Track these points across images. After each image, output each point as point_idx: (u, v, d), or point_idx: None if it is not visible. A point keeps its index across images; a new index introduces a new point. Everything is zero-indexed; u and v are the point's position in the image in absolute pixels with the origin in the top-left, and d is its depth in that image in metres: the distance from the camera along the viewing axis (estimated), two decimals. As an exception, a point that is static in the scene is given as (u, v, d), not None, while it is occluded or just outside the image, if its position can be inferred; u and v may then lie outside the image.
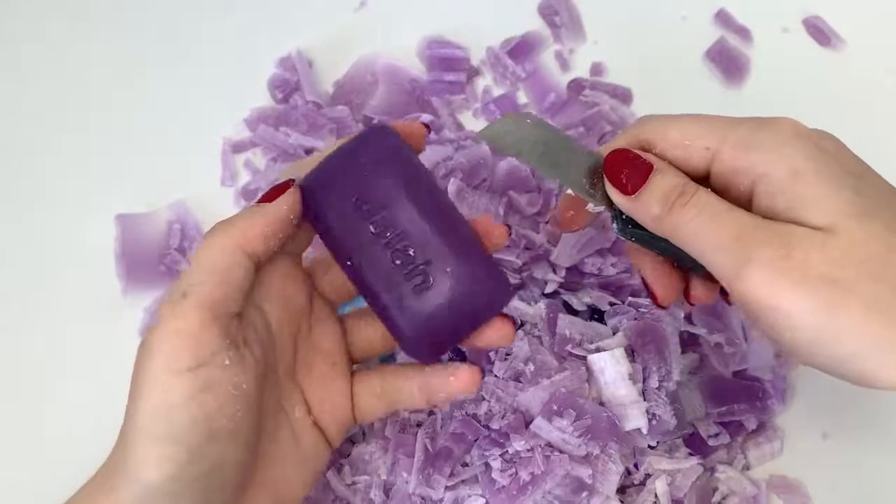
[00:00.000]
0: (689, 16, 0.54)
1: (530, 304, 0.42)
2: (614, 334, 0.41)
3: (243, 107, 0.50)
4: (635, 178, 0.31)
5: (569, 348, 0.41)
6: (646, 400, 0.39)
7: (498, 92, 0.51)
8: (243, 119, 0.49)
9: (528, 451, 0.37)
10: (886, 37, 0.53)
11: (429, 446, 0.39)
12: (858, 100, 0.51)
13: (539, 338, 0.41)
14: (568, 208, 0.35)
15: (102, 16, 0.53)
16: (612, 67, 0.52)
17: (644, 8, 0.54)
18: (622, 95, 0.51)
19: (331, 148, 0.32)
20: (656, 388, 0.40)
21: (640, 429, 0.39)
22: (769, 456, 0.43)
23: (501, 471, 0.37)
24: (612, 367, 0.39)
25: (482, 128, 0.32)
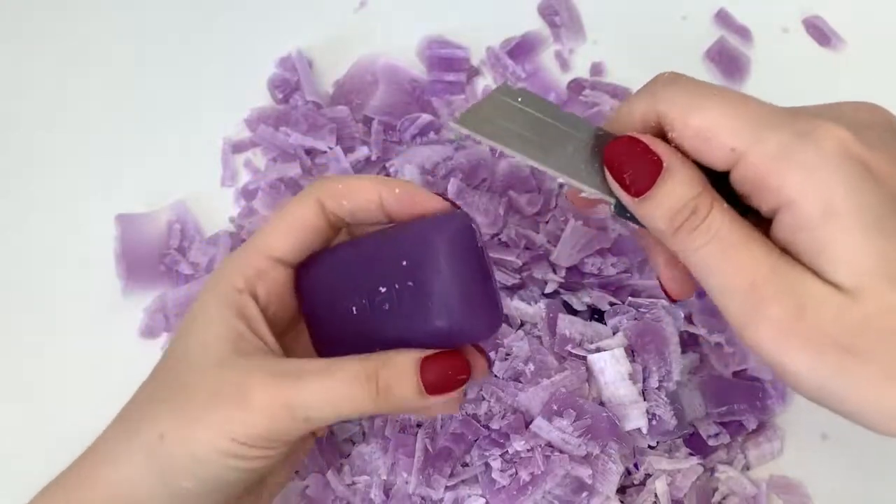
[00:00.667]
0: (689, 16, 0.54)
1: (530, 304, 0.42)
2: (614, 334, 0.41)
3: (243, 107, 0.50)
4: (641, 178, 0.26)
5: (569, 348, 0.41)
6: (646, 400, 0.39)
7: (498, 92, 0.51)
8: (243, 119, 0.49)
9: (528, 451, 0.37)
10: (886, 37, 0.53)
11: (429, 446, 0.39)
12: (858, 100, 0.51)
13: (539, 338, 0.41)
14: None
15: (102, 16, 0.53)
16: (612, 67, 0.52)
17: (644, 8, 0.54)
18: (622, 95, 0.51)
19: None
20: (656, 388, 0.40)
21: (640, 429, 0.39)
22: (769, 456, 0.43)
23: (501, 471, 0.37)
24: (612, 367, 0.39)
25: (461, 113, 0.29)
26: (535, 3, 0.53)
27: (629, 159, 0.27)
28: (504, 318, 0.32)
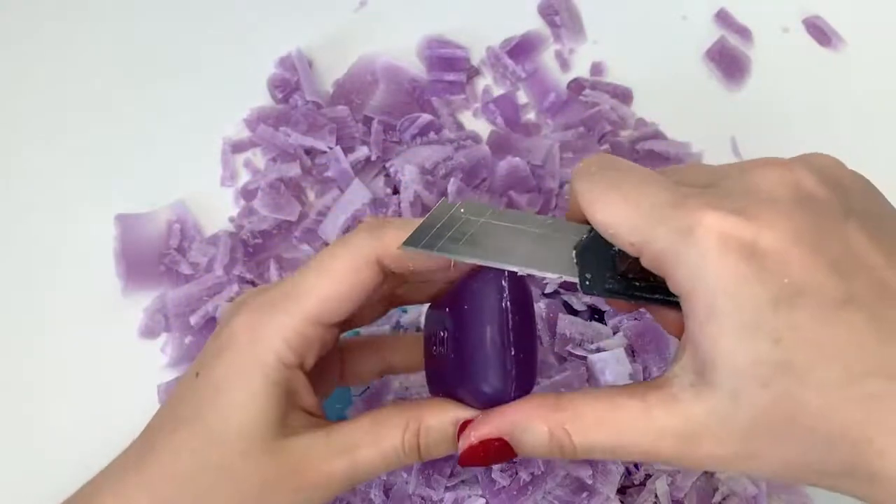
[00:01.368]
0: (689, 16, 0.54)
1: (530, 304, 0.42)
2: (614, 334, 0.41)
3: (243, 107, 0.50)
4: (503, 458, 0.28)
5: (569, 348, 0.41)
6: (646, 400, 0.39)
7: (498, 92, 0.51)
8: (243, 119, 0.49)
9: (529, 451, 0.37)
10: (886, 37, 0.53)
11: (429, 446, 0.39)
12: (858, 100, 0.51)
13: (539, 338, 0.41)
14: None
15: (102, 16, 0.53)
16: (612, 67, 0.52)
17: (644, 8, 0.54)
18: (622, 95, 0.51)
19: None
20: (656, 389, 0.40)
21: (640, 429, 0.39)
22: (769, 456, 0.42)
23: (501, 471, 0.37)
24: (612, 367, 0.39)
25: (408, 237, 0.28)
26: (535, 3, 0.53)
27: (483, 458, 0.28)
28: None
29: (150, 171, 0.48)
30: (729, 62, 0.52)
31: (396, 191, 0.47)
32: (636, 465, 0.40)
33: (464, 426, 0.29)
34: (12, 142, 0.49)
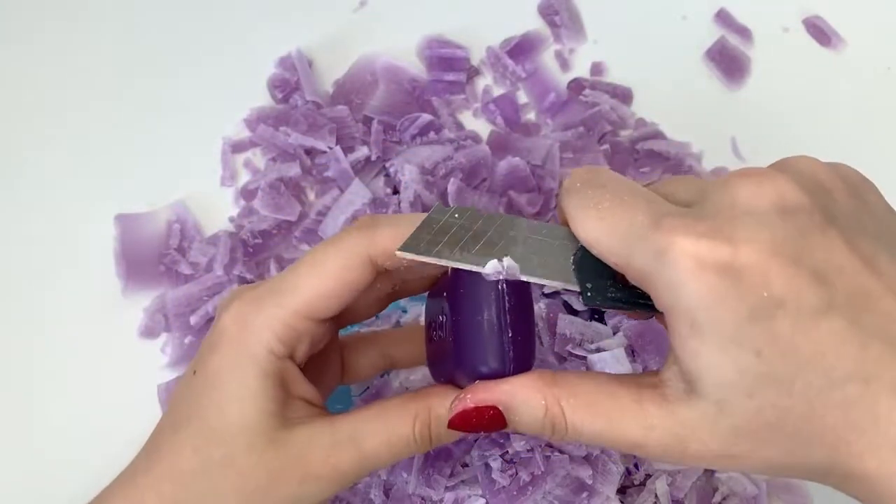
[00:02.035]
0: (689, 16, 0.54)
1: (530, 304, 0.42)
2: (614, 334, 0.41)
3: (243, 107, 0.50)
4: (493, 427, 0.28)
5: (569, 348, 0.41)
6: (646, 400, 0.39)
7: (498, 92, 0.51)
8: (243, 119, 0.49)
9: (529, 451, 0.37)
10: (886, 37, 0.53)
11: (429, 446, 0.39)
12: (858, 100, 0.51)
13: (539, 338, 0.41)
14: None
15: (102, 15, 0.53)
16: (612, 67, 0.52)
17: (644, 8, 0.54)
18: (622, 95, 0.51)
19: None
20: (656, 389, 0.40)
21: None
22: (769, 456, 0.42)
23: (501, 471, 0.37)
24: (612, 367, 0.39)
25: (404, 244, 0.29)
26: (535, 3, 0.53)
27: (474, 424, 0.28)
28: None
29: (150, 171, 0.48)
30: (729, 62, 0.52)
31: (396, 191, 0.47)
32: (636, 465, 0.40)
33: (457, 416, 0.29)
34: (12, 142, 0.49)
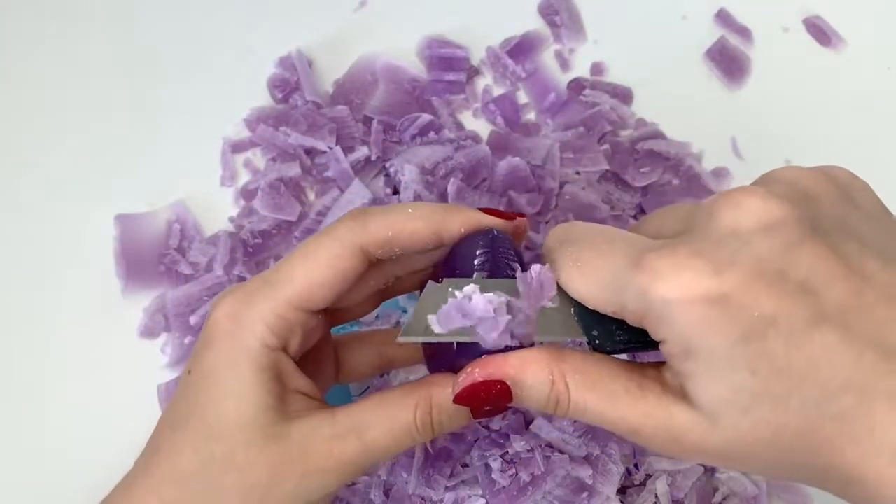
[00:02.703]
0: (689, 15, 0.54)
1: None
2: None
3: (243, 107, 0.50)
4: (499, 403, 0.28)
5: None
6: (646, 400, 0.39)
7: (498, 92, 0.51)
8: (243, 119, 0.49)
9: (529, 451, 0.37)
10: (886, 37, 0.53)
11: (428, 447, 0.39)
12: (858, 100, 0.51)
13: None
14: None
15: (102, 15, 0.53)
16: (612, 67, 0.52)
17: (644, 8, 0.54)
18: (622, 95, 0.51)
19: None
20: (656, 389, 0.40)
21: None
22: (769, 456, 0.42)
23: (501, 471, 0.37)
24: (612, 368, 0.39)
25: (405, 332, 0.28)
26: (535, 3, 0.53)
27: (482, 399, 0.28)
28: None
29: (150, 171, 0.48)
30: (729, 62, 0.52)
31: (396, 191, 0.47)
32: (636, 465, 0.40)
33: (462, 393, 0.29)
34: (12, 142, 0.49)
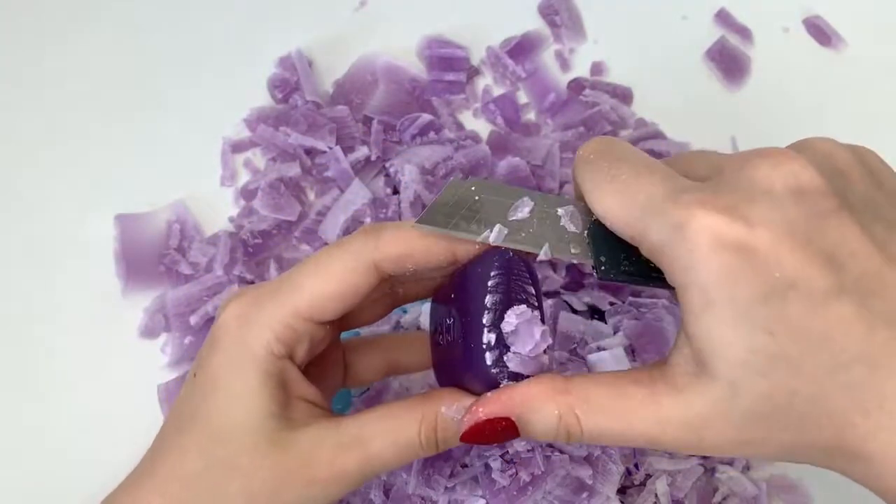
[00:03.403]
0: (689, 15, 0.54)
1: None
2: (615, 334, 0.41)
3: (243, 107, 0.50)
4: (507, 437, 0.28)
5: (571, 347, 0.41)
6: (646, 400, 0.39)
7: (498, 91, 0.51)
8: (243, 119, 0.49)
9: (529, 451, 0.37)
10: (886, 37, 0.53)
11: (429, 446, 0.38)
12: (858, 100, 0.51)
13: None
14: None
15: (102, 15, 0.53)
16: (612, 67, 0.52)
17: (644, 8, 0.54)
18: (623, 95, 0.51)
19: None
20: (656, 389, 0.40)
21: (640, 429, 0.38)
22: (769, 456, 0.42)
23: (501, 471, 0.37)
24: (612, 367, 0.39)
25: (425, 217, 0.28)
26: (535, 2, 0.53)
27: (487, 437, 0.28)
28: None
29: (150, 171, 0.48)
30: (729, 62, 0.52)
31: (396, 191, 0.47)
32: (636, 465, 0.40)
33: (470, 430, 0.28)
34: (13, 142, 0.49)
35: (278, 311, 0.29)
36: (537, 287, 0.29)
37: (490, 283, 0.28)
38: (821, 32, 0.53)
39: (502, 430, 0.28)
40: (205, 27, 0.52)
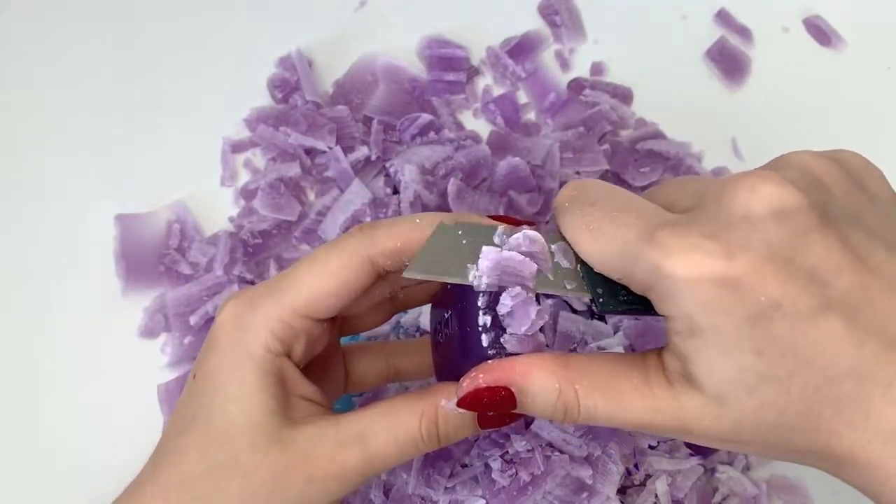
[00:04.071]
0: (689, 15, 0.54)
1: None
2: (615, 333, 0.41)
3: (243, 107, 0.50)
4: (503, 409, 0.28)
5: (570, 347, 0.41)
6: (646, 400, 0.39)
7: (498, 92, 0.51)
8: (243, 119, 0.49)
9: (529, 451, 0.37)
10: (886, 37, 0.53)
11: (429, 446, 0.38)
12: (858, 100, 0.51)
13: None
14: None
15: (102, 16, 0.53)
16: (612, 67, 0.52)
17: (644, 7, 0.54)
18: (622, 95, 0.51)
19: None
20: (656, 389, 0.40)
21: (640, 429, 0.39)
22: (769, 456, 0.43)
23: (501, 471, 0.37)
24: (612, 367, 0.39)
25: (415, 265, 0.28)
26: (535, 2, 0.53)
27: (485, 404, 0.28)
28: None
29: (150, 171, 0.48)
30: (729, 62, 0.52)
31: (396, 191, 0.47)
32: (636, 465, 0.40)
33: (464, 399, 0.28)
34: (13, 142, 0.49)
35: (274, 309, 0.29)
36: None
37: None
38: (821, 32, 0.53)
39: (500, 400, 0.28)
40: (205, 27, 0.52)
